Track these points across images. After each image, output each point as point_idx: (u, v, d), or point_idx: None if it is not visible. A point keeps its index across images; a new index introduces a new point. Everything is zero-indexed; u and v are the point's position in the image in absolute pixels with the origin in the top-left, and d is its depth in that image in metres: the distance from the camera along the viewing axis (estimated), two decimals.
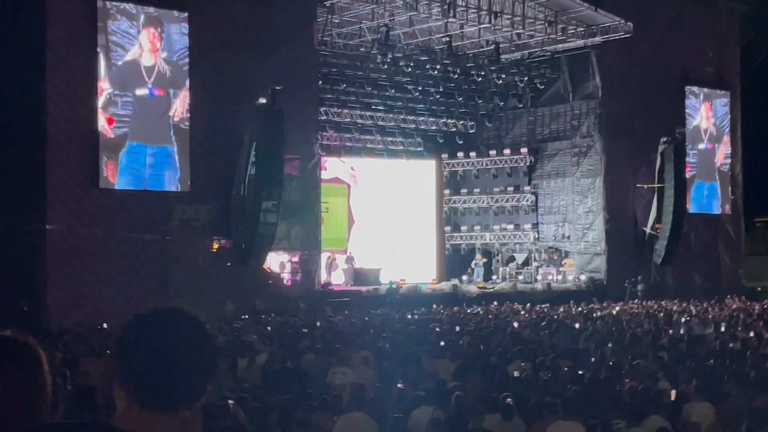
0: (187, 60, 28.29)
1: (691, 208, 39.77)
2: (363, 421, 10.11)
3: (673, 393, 11.53)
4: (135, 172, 27.40)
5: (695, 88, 41.16)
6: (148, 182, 27.68)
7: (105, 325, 21.33)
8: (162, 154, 27.87)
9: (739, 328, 20.65)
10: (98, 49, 26.72)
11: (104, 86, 26.89)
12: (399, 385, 12.23)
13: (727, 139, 42.29)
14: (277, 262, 31.25)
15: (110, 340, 17.53)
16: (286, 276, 31.44)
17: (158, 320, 2.90)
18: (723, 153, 42.18)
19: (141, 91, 27.58)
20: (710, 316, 24.87)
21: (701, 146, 41.33)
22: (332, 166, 38.86)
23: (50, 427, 2.96)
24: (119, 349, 2.90)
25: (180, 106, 28.19)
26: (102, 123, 26.79)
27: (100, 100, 26.78)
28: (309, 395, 11.32)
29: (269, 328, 20.65)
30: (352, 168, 40.29)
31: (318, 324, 21.65)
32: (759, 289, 44.69)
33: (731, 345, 16.85)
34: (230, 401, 9.98)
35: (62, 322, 23.35)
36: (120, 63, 27.19)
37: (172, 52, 28.09)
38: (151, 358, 2.81)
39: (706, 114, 41.57)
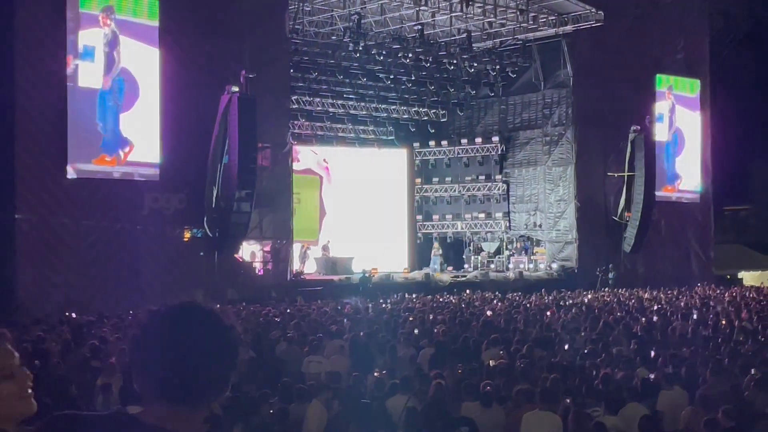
0: (157, 46, 28.03)
1: (660, 195, 39.86)
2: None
3: (649, 379, 11.56)
4: (104, 162, 27.20)
5: (665, 76, 41.31)
6: (117, 170, 27.45)
7: (73, 315, 21.13)
8: (129, 147, 27.67)
9: (711, 316, 20.77)
10: (67, 42, 26.42)
11: (72, 76, 26.61)
12: (375, 374, 12.19)
13: (696, 127, 42.47)
14: (249, 251, 31.11)
15: (80, 330, 17.38)
16: (257, 265, 31.32)
17: (176, 315, 2.85)
18: (691, 141, 42.36)
19: (110, 77, 27.32)
20: (681, 304, 25.01)
21: (672, 132, 41.46)
22: (305, 158, 38.74)
23: (87, 418, 2.91)
24: (139, 348, 2.85)
25: (147, 93, 27.94)
26: (71, 112, 26.53)
27: (69, 91, 26.50)
28: (284, 384, 11.25)
29: (242, 317, 20.53)
30: (324, 160, 40.18)
31: (290, 313, 21.57)
32: (728, 276, 45.09)
33: (703, 332, 16.94)
34: None
35: (32, 311, 23.12)
36: (89, 54, 26.91)
37: (142, 39, 27.81)
38: (175, 354, 2.77)
39: (679, 103, 41.72)
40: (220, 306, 22.22)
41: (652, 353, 13.94)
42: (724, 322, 19.02)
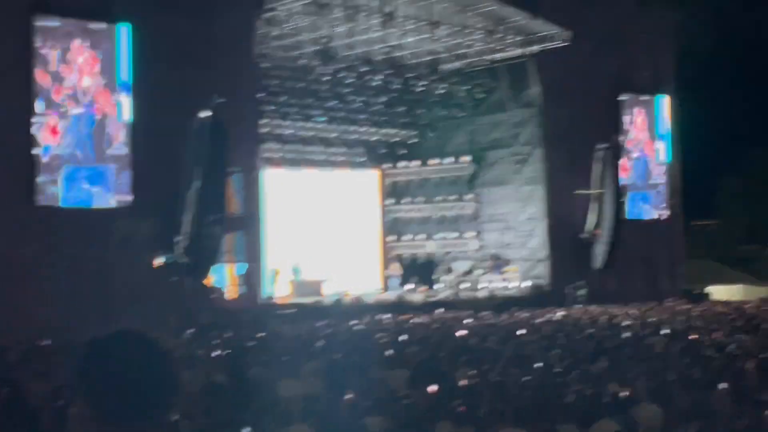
0: (127, 74, 28.01)
1: (629, 213, 40.14)
2: None
3: (621, 396, 11.65)
4: (74, 186, 27.07)
5: (632, 95, 41.69)
6: (87, 198, 27.36)
7: (47, 342, 20.97)
8: (98, 175, 27.56)
9: (681, 330, 20.93)
10: (34, 67, 26.35)
11: (41, 104, 26.53)
12: (348, 396, 12.20)
13: (663, 144, 42.85)
14: (221, 275, 31.03)
15: (53, 358, 17.27)
16: (230, 290, 31.23)
17: (113, 344, 2.90)
18: (659, 158, 42.71)
19: (77, 110, 27.26)
20: (652, 320, 25.18)
21: (640, 149, 41.83)
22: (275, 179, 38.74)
23: None
24: (81, 374, 2.89)
25: (118, 122, 27.90)
26: (39, 140, 26.43)
27: (37, 118, 26.41)
28: (258, 409, 11.25)
29: (214, 342, 20.48)
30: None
31: (263, 337, 21.53)
32: (698, 291, 45.38)
33: (674, 347, 17.08)
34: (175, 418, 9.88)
35: (2, 340, 22.91)
36: (57, 81, 26.84)
37: (111, 67, 27.80)
38: (115, 381, 2.82)
39: (646, 121, 42.12)
40: (191, 331, 22.15)
41: (625, 370, 14.05)
42: (693, 336, 19.18)
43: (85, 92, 27.45)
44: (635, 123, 41.90)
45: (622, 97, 41.27)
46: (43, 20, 26.62)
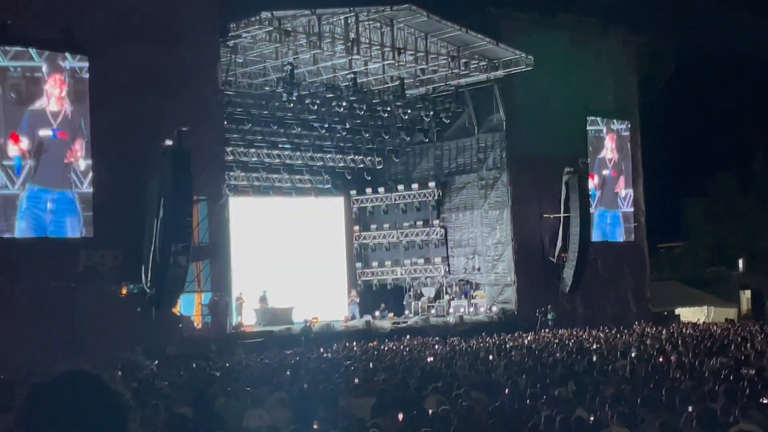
0: (88, 103, 27.80)
1: (595, 236, 40.36)
2: None
3: (589, 419, 11.59)
4: (36, 217, 26.79)
5: (597, 119, 41.99)
6: (49, 228, 27.05)
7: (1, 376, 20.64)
8: (63, 200, 27.33)
9: (651, 352, 20.95)
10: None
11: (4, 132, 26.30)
12: (315, 426, 12.06)
13: (628, 167, 43.14)
14: (188, 305, 30.76)
15: (8, 393, 16.98)
16: (196, 319, 30.97)
17: (61, 385, 2.80)
18: (624, 181, 43.00)
19: (44, 132, 27.03)
20: (620, 343, 25.21)
21: (605, 173, 42.07)
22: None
23: None
24: (24, 420, 2.79)
25: (81, 149, 27.68)
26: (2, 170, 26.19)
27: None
28: None
29: (181, 373, 20.26)
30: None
31: (230, 366, 21.33)
32: (665, 313, 45.63)
33: (642, 370, 17.06)
34: None
35: None
36: (24, 109, 26.63)
37: (75, 95, 27.60)
38: (58, 425, 2.72)
39: (611, 144, 42.41)
40: (158, 363, 21.88)
41: (593, 393, 13.99)
42: (661, 359, 19.19)
43: (52, 119, 27.18)
44: (601, 146, 42.14)
45: (588, 121, 41.53)
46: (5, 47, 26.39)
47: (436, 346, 26.83)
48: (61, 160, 27.41)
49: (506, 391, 15.05)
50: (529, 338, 29.59)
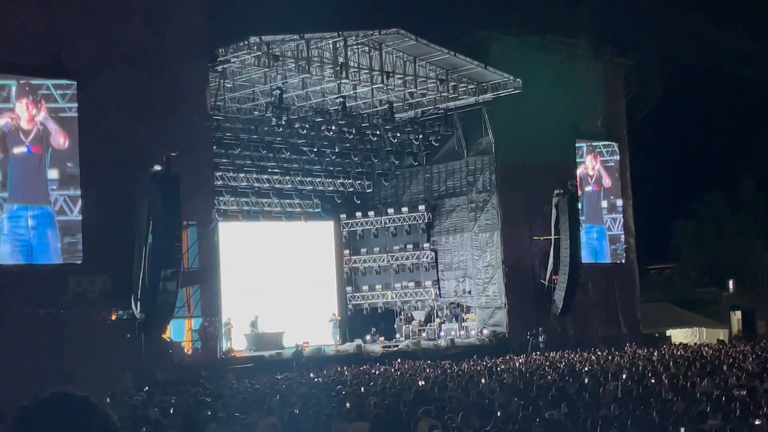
0: (76, 128, 27.75)
1: (584, 255, 40.40)
2: None
3: None
4: (17, 237, 26.63)
5: (586, 141, 42.09)
6: (33, 243, 26.85)
7: None
8: (43, 215, 27.18)
9: (643, 374, 20.91)
10: None
11: None
12: None
13: (612, 183, 43.16)
14: (178, 330, 30.61)
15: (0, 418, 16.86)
16: (186, 345, 30.82)
17: (48, 408, 2.78)
18: (607, 195, 43.02)
19: (19, 150, 26.95)
20: (612, 365, 25.17)
21: (588, 189, 42.14)
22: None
23: None
24: None
25: (68, 176, 27.59)
26: None
27: None
28: None
29: (172, 399, 20.14)
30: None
31: (221, 392, 21.21)
32: (657, 334, 45.63)
33: (634, 392, 17.02)
34: None
35: None
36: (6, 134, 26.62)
37: (54, 116, 27.52)
38: None
39: (592, 163, 42.47)
40: (149, 389, 21.77)
41: (585, 415, 13.94)
42: (653, 380, 19.16)
43: (23, 137, 27.10)
44: (590, 169, 42.24)
45: (577, 144, 41.65)
46: None
47: (428, 370, 26.76)
48: (37, 173, 27.25)
49: (498, 414, 15.00)
50: (520, 361, 29.53)
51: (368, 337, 38.98)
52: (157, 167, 27.80)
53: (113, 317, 28.18)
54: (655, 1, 49.10)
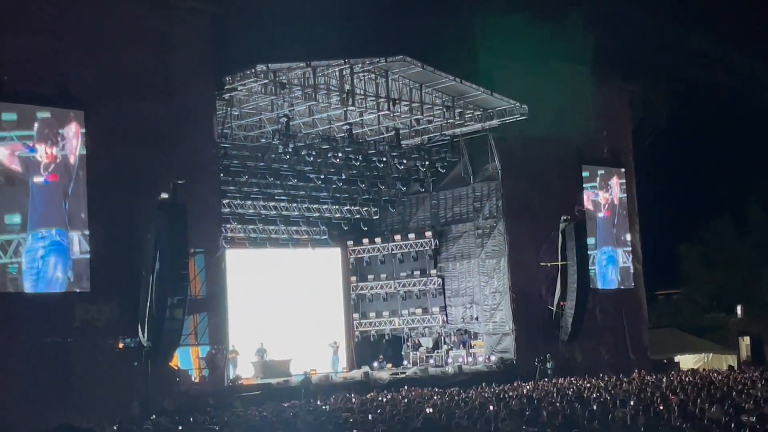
0: (84, 157, 27.84)
1: (597, 282, 40.42)
2: None
3: None
4: (30, 266, 26.70)
5: (592, 167, 42.11)
6: (42, 271, 26.88)
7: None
8: (55, 243, 27.22)
9: (651, 400, 20.81)
10: None
11: None
12: None
13: (622, 210, 43.16)
14: (185, 358, 30.56)
15: None
16: (193, 373, 30.76)
17: None
18: (620, 222, 43.01)
19: (38, 179, 27.06)
20: (620, 391, 25.06)
21: (600, 215, 42.13)
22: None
23: None
24: None
25: (77, 205, 27.67)
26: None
27: None
28: None
29: (179, 428, 20.09)
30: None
31: (228, 420, 21.15)
32: (665, 360, 45.44)
33: (643, 418, 16.94)
34: None
35: None
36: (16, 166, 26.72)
37: (68, 149, 27.65)
38: None
39: (603, 190, 42.47)
40: (154, 418, 21.74)
41: None
42: (662, 407, 19.07)
43: (45, 172, 27.21)
44: (596, 194, 42.23)
45: (583, 169, 41.66)
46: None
47: (435, 397, 26.65)
48: (55, 201, 27.33)
49: None
50: (528, 387, 29.42)
51: (375, 364, 38.91)
52: (164, 195, 27.86)
53: (120, 345, 28.16)
54: (660, 27, 49.23)
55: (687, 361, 46.83)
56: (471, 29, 38.95)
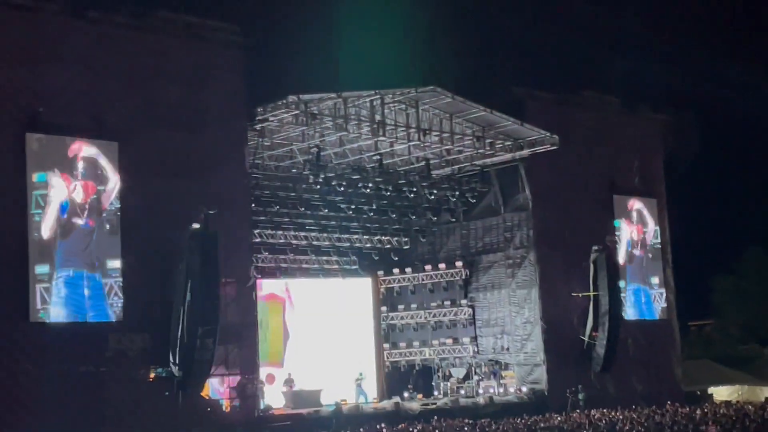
0: (117, 188, 28.09)
1: (630, 314, 40.18)
2: None
3: None
4: (72, 302, 26.89)
5: (624, 197, 41.93)
6: (89, 314, 27.12)
7: None
8: (97, 285, 27.45)
9: None
10: (30, 191, 26.55)
11: (36, 220, 26.60)
12: None
13: (654, 241, 42.92)
14: (216, 388, 30.62)
15: None
16: (224, 402, 30.80)
17: None
18: (653, 258, 42.79)
19: (77, 221, 27.29)
20: (653, 423, 24.84)
21: (636, 252, 41.93)
22: (267, 284, 38.58)
23: None
24: None
25: (109, 236, 27.90)
26: (33, 254, 26.43)
27: (32, 233, 26.43)
28: None
29: None
30: (285, 285, 40.00)
31: None
32: (698, 392, 44.98)
33: None
34: None
35: None
36: (52, 203, 26.97)
37: (102, 182, 27.91)
38: None
39: (635, 222, 42.28)
40: None
41: None
42: None
43: (78, 207, 27.47)
44: (628, 224, 42.00)
45: (614, 199, 41.50)
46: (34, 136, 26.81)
47: (466, 428, 26.55)
48: (91, 243, 27.57)
49: None
50: (560, 419, 29.22)
51: (406, 395, 38.76)
52: (196, 225, 28.04)
53: (152, 375, 28.25)
54: (691, 56, 49.17)
55: (721, 393, 46.35)
56: (501, 60, 39.10)
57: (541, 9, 49.88)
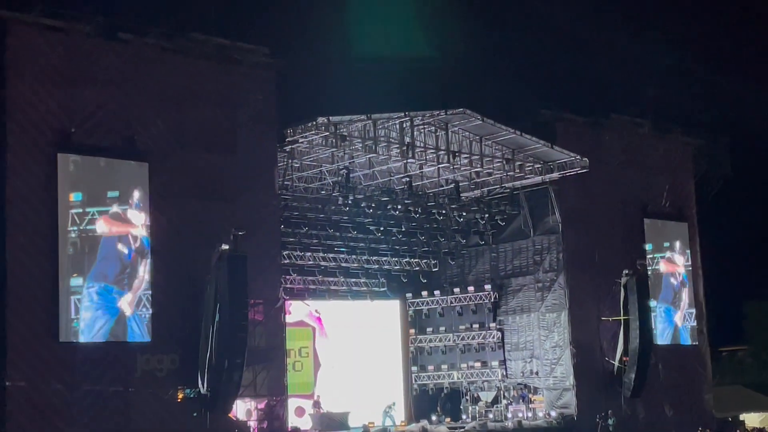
0: (148, 210, 28.20)
1: (660, 338, 39.81)
2: None
3: None
4: (95, 316, 27.01)
5: (654, 220, 41.64)
6: (104, 321, 27.21)
7: None
8: (118, 289, 27.57)
9: None
10: (64, 209, 26.71)
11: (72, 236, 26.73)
12: None
13: (684, 265, 42.57)
14: (244, 409, 30.57)
15: None
16: (252, 424, 30.72)
17: None
18: (683, 284, 42.43)
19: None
20: None
21: (673, 281, 41.64)
22: (296, 310, 38.57)
23: None
24: None
25: (139, 256, 28.01)
26: (62, 275, 26.55)
27: (63, 255, 26.55)
28: None
29: None
30: (316, 311, 40.02)
31: None
32: (729, 419, 44.49)
33: None
34: None
35: None
36: (80, 217, 27.12)
37: (134, 204, 28.04)
38: None
39: (666, 246, 41.98)
40: None
41: None
42: None
43: (108, 226, 27.60)
44: (659, 248, 41.69)
45: (645, 222, 41.22)
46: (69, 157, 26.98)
47: None
48: (118, 254, 27.70)
49: None
50: None
51: (434, 418, 38.57)
52: (225, 246, 28.06)
53: (180, 396, 28.24)
54: (722, 80, 48.89)
55: (753, 419, 45.82)
56: (531, 83, 39.05)
57: (571, 32, 49.91)
